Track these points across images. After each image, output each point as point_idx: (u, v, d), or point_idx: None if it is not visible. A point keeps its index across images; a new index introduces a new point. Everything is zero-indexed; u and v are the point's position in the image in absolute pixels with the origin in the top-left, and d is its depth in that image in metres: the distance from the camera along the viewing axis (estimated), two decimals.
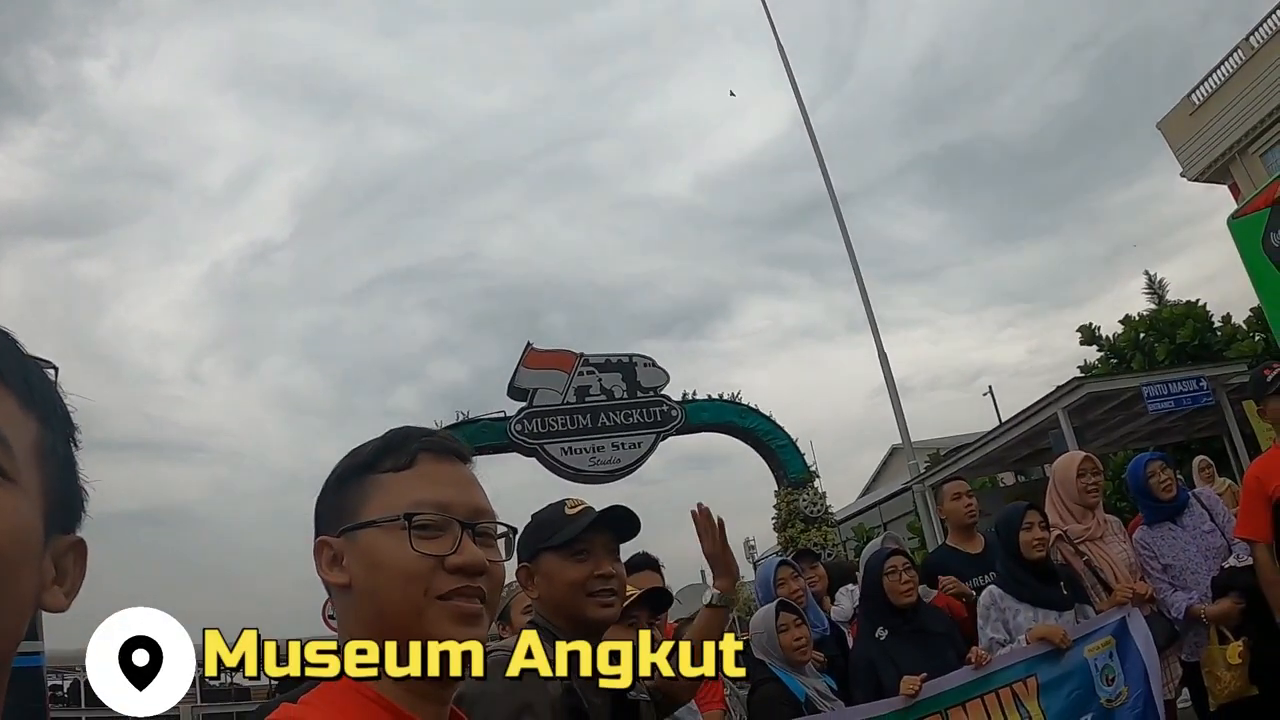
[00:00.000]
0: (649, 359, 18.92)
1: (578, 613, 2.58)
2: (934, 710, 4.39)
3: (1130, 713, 4.73)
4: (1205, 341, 21.45)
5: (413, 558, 1.42)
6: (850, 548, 28.30)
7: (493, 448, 17.43)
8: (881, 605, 4.85)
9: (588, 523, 2.60)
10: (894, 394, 20.81)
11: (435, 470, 1.53)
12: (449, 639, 1.42)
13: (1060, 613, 4.90)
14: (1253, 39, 36.66)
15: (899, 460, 35.06)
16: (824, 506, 18.97)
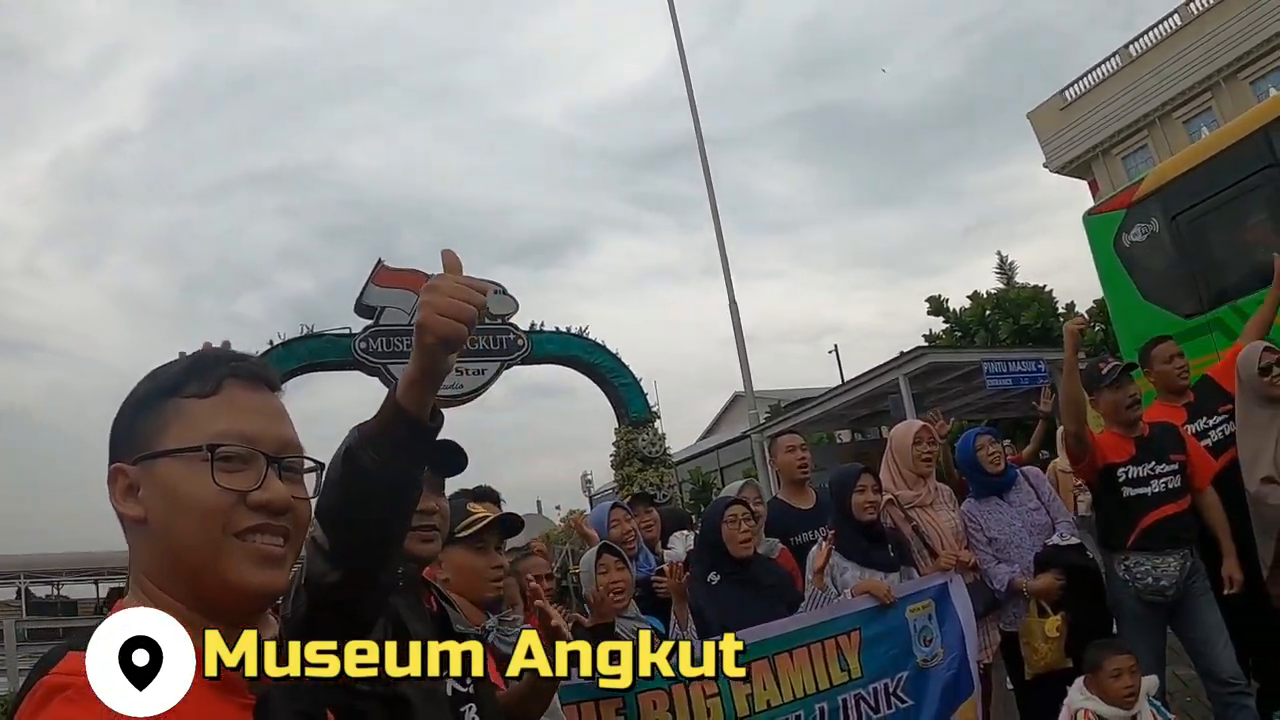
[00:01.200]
0: (500, 286, 18.61)
1: None
2: (761, 656, 4.45)
3: (944, 674, 4.92)
4: (1048, 326, 22.06)
5: (213, 492, 1.34)
6: (686, 490, 28.67)
7: (336, 364, 17.29)
8: (717, 551, 4.89)
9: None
10: (740, 342, 20.97)
11: (242, 398, 1.45)
12: (247, 581, 1.36)
13: (886, 573, 5.04)
14: (1132, 47, 38.18)
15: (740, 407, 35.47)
16: (663, 447, 19.19)
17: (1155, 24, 37.78)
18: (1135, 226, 10.45)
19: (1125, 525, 5.10)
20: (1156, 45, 37.55)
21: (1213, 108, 35.96)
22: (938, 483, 5.76)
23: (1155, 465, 5.12)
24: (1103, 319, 20.75)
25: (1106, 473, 5.19)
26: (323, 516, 1.69)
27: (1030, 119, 42.34)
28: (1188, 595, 5.01)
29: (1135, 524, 5.06)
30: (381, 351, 17.32)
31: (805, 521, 5.83)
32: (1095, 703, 4.36)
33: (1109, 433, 5.32)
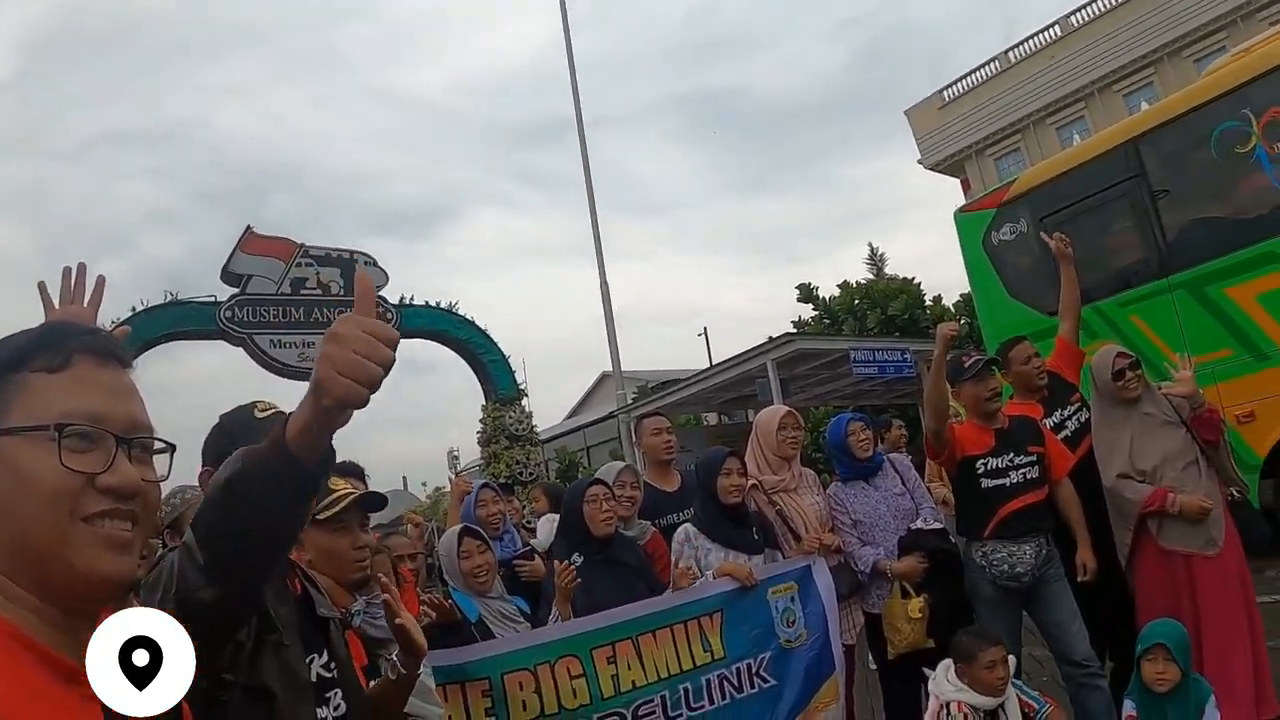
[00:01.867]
0: (370, 257, 18.41)
1: None
2: (625, 636, 4.47)
3: (807, 654, 4.98)
4: (914, 317, 22.47)
5: (60, 473, 1.28)
6: (552, 469, 28.61)
7: (200, 333, 16.74)
8: (580, 532, 4.90)
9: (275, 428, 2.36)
10: (610, 322, 21.11)
11: (93, 375, 1.38)
12: (95, 568, 1.30)
13: (750, 556, 5.08)
14: (1012, 53, 39.26)
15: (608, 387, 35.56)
16: (529, 425, 19.06)
17: (1035, 33, 39.08)
18: (1005, 226, 10.81)
19: (983, 515, 5.24)
20: (1035, 53, 38.76)
21: (1086, 117, 37.20)
22: (802, 467, 5.81)
23: (1014, 457, 5.27)
24: (968, 313, 21.29)
25: (965, 465, 5.33)
26: (200, 531, 1.66)
27: (908, 115, 43.18)
28: (1042, 581, 5.18)
29: (993, 514, 5.21)
30: (247, 321, 16.83)
31: (670, 504, 5.86)
32: (968, 694, 4.48)
33: (969, 424, 5.47)
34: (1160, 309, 9.58)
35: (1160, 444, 5.34)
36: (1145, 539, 5.34)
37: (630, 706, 4.36)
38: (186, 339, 16.83)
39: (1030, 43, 39.09)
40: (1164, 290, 9.57)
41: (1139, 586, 5.41)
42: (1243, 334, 9.00)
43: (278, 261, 17.30)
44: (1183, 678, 4.59)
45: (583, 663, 4.32)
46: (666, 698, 4.47)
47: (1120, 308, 9.88)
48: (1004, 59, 39.84)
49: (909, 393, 17.45)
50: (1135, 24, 35.44)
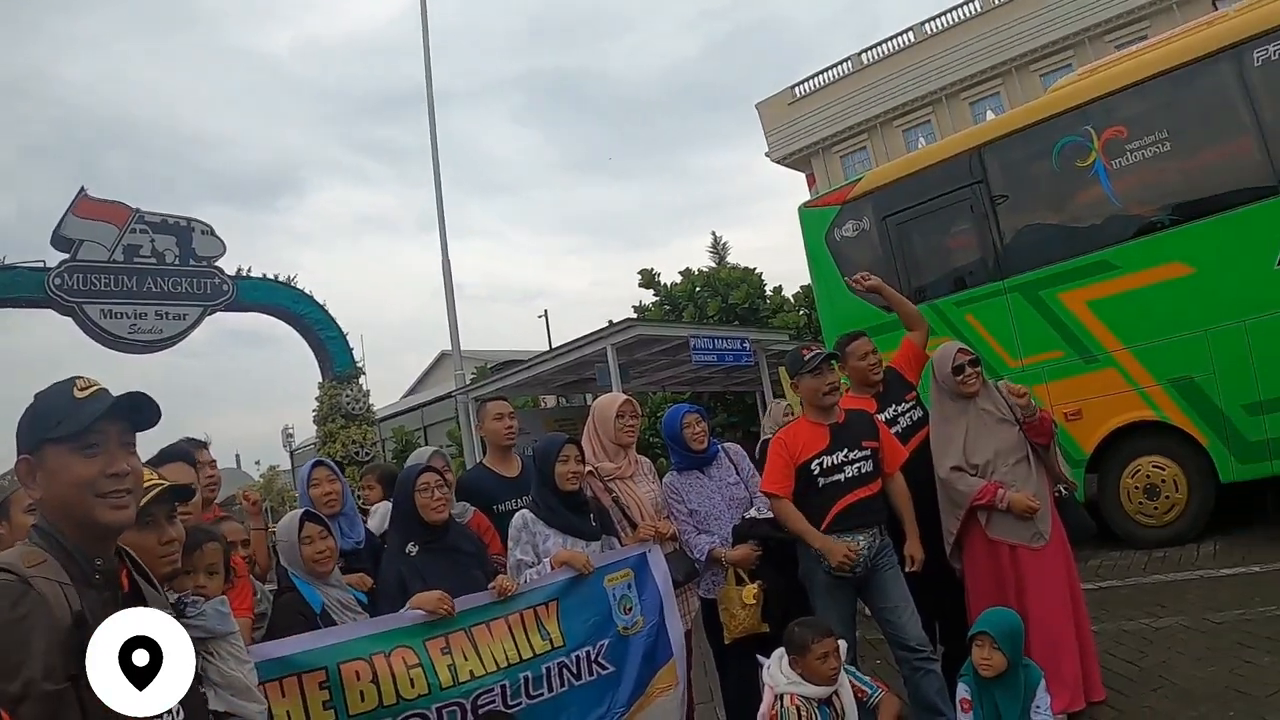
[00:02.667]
0: (208, 226, 17.85)
1: (87, 516, 2.21)
2: (458, 628, 4.43)
3: (644, 640, 5.03)
4: (755, 306, 22.73)
5: None
6: (389, 448, 28.27)
7: (28, 300, 16.02)
8: (413, 521, 4.83)
9: (100, 410, 2.24)
10: (450, 299, 21.04)
11: None
12: None
13: (588, 542, 5.09)
14: (864, 56, 40.18)
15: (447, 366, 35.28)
16: (366, 404, 18.92)
17: (890, 37, 40.05)
18: (848, 222, 10.99)
19: (819, 509, 5.28)
20: (888, 57, 39.79)
21: (933, 121, 38.29)
22: (638, 455, 5.83)
23: (849, 452, 5.34)
24: (808, 304, 21.65)
25: (803, 468, 5.34)
26: None
27: (758, 109, 43.74)
28: (875, 570, 5.27)
29: (829, 509, 5.26)
30: (77, 289, 16.19)
31: (510, 489, 5.86)
32: (801, 685, 4.55)
33: (803, 421, 5.52)
34: (995, 310, 9.94)
35: (993, 440, 5.52)
36: (974, 529, 5.53)
37: (470, 697, 4.32)
38: (13, 306, 16.16)
39: (884, 46, 40.12)
40: (1000, 292, 9.92)
41: (968, 574, 5.60)
42: (1073, 337, 9.46)
43: (111, 226, 16.69)
44: (1012, 664, 4.77)
45: (417, 653, 4.27)
46: (506, 687, 4.45)
47: (956, 307, 10.19)
48: (857, 60, 40.75)
49: (746, 381, 17.66)
50: (987, 36, 36.69)
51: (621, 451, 5.66)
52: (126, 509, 2.27)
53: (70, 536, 2.20)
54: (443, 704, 4.25)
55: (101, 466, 2.21)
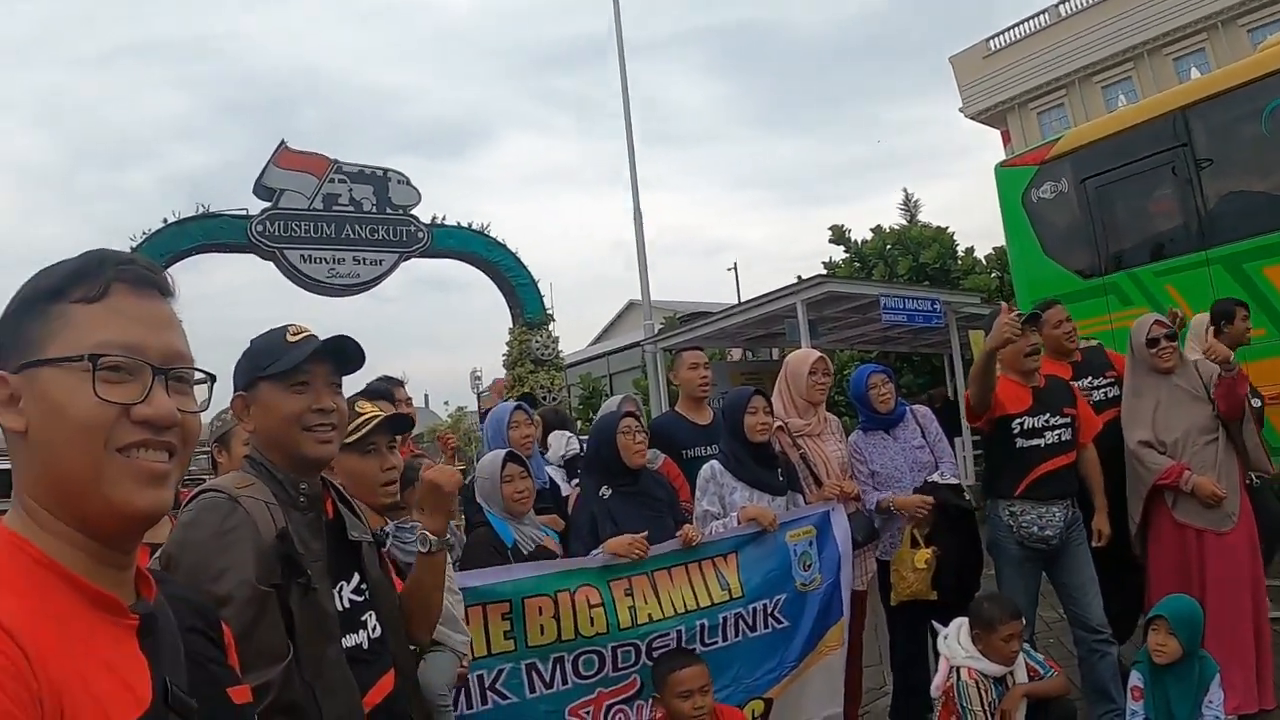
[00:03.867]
0: (404, 176, 18.37)
1: (294, 448, 2.38)
2: (641, 571, 4.55)
3: (820, 598, 5.04)
4: (946, 267, 22.30)
5: (94, 404, 1.27)
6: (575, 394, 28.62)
7: (231, 246, 16.79)
8: (610, 464, 4.90)
9: (309, 351, 2.39)
10: (641, 251, 21.01)
11: (129, 305, 1.36)
12: (129, 502, 1.30)
13: (774, 497, 5.13)
14: (1063, 7, 38.53)
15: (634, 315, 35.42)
16: (555, 350, 19.16)
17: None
18: (1045, 184, 10.71)
19: (1015, 474, 5.28)
20: (1087, 8, 38.05)
21: (1133, 78, 36.66)
22: (827, 413, 5.84)
23: (1050, 417, 5.31)
24: (1000, 266, 21.19)
25: (1002, 423, 5.34)
26: None
27: (952, 62, 42.61)
28: (1066, 544, 5.25)
29: (1026, 474, 5.25)
30: (278, 235, 16.87)
31: (700, 436, 5.91)
32: (981, 661, 4.58)
33: (1006, 380, 5.44)
34: (1196, 282, 9.35)
35: (1185, 417, 5.39)
36: (1160, 510, 5.42)
37: (645, 639, 4.44)
38: (217, 251, 16.92)
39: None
40: (1201, 264, 9.37)
41: (1151, 556, 5.48)
42: (1278, 315, 8.80)
43: (311, 176, 17.32)
44: (1187, 654, 4.64)
45: (601, 593, 4.41)
46: (682, 632, 4.54)
47: (1156, 277, 9.74)
48: (1054, 11, 39.12)
49: (935, 342, 17.43)
50: None
51: (811, 408, 5.68)
52: (330, 443, 2.43)
53: (278, 465, 2.38)
54: (619, 644, 4.39)
55: (309, 402, 2.37)
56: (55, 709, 1.09)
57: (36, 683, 1.07)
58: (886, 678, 6.00)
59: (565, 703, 4.30)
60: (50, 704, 1.08)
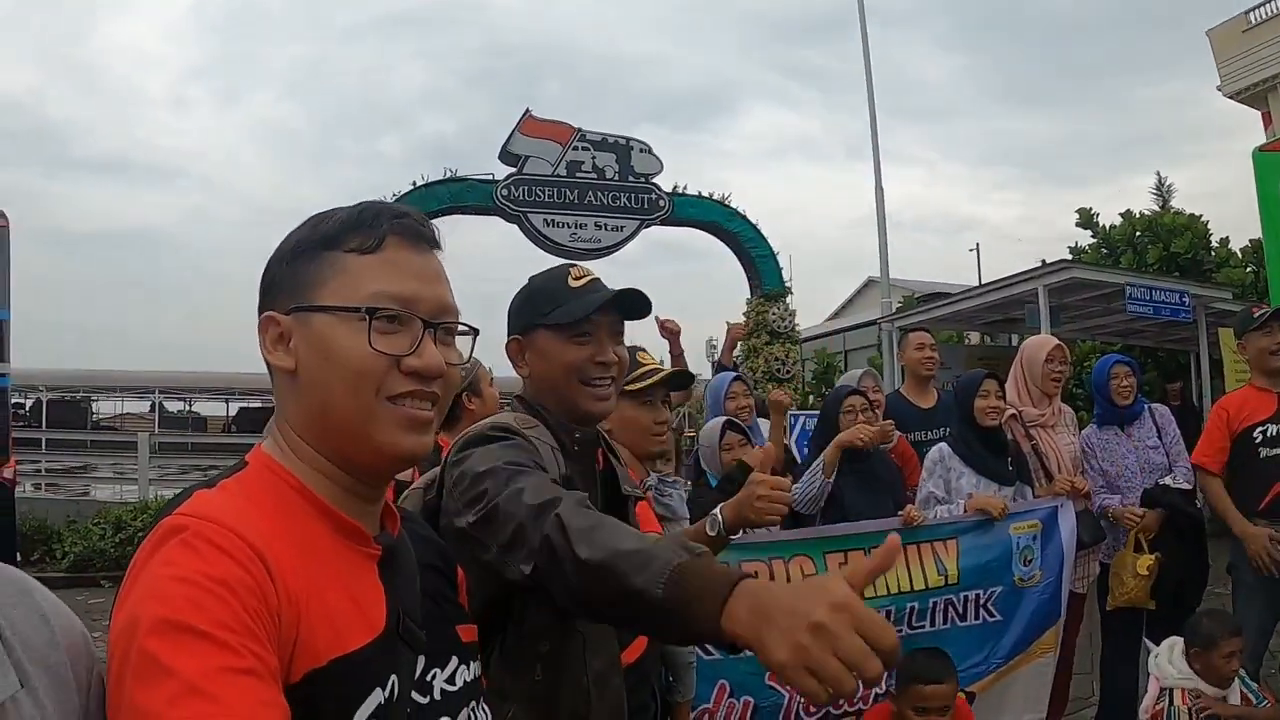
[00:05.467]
0: (646, 145, 18.53)
1: (570, 400, 2.33)
2: (858, 547, 4.56)
3: (1038, 596, 4.98)
4: (1198, 258, 21.34)
5: (368, 355, 1.34)
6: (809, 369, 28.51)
7: (477, 209, 17.33)
8: None
9: (596, 304, 2.29)
10: (882, 228, 20.74)
11: (404, 258, 1.42)
12: (395, 444, 1.37)
13: (1001, 486, 5.07)
14: None
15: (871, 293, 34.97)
16: (792, 323, 19.09)
17: None
18: None
19: (1258, 489, 5.00)
20: None
21: None
22: (1062, 404, 5.69)
23: None
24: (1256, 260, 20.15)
25: (1243, 435, 5.08)
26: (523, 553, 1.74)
27: (1209, 36, 40.46)
28: None
29: (1269, 487, 4.96)
30: (522, 200, 17.29)
31: (923, 420, 5.97)
32: (1195, 682, 4.35)
33: (1250, 388, 5.24)
34: None
35: None
36: None
37: None
38: (463, 213, 17.42)
39: None
40: None
41: None
42: None
43: (555, 144, 17.67)
44: None
45: (815, 563, 4.47)
46: (891, 612, 4.56)
47: None
48: None
49: (1181, 339, 16.72)
50: None
51: (1046, 399, 5.55)
52: (607, 399, 2.36)
53: (553, 412, 2.33)
54: None
55: (590, 354, 2.30)
56: (292, 622, 1.18)
57: (277, 598, 1.16)
58: (1095, 688, 5.84)
59: None
60: (288, 617, 1.18)
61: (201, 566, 1.12)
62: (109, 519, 12.39)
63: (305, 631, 1.20)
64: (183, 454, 26.95)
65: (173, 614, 1.07)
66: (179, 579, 1.10)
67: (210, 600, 1.09)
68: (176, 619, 1.06)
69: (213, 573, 1.12)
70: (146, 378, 42.75)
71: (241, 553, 1.16)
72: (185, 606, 1.07)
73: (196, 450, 28.44)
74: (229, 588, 1.12)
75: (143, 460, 15.73)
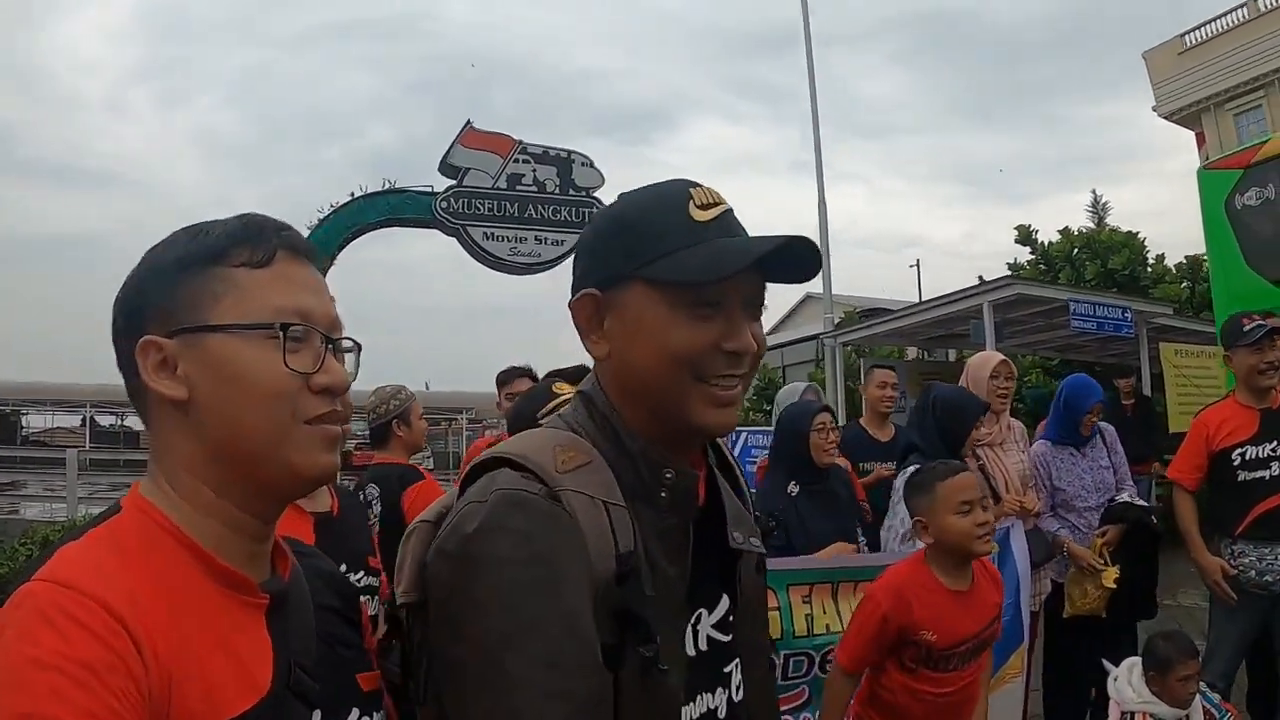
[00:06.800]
0: (587, 158, 18.47)
1: (675, 405, 1.44)
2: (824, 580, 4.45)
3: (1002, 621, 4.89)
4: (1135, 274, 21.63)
5: (283, 375, 1.22)
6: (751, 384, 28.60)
7: (415, 221, 17.23)
8: (797, 460, 4.84)
9: (744, 260, 1.39)
10: (825, 243, 20.36)
11: (294, 272, 1.30)
12: (314, 464, 1.26)
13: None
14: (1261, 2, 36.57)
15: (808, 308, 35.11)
16: None
17: None
18: (1251, 189, 10.13)
19: (1236, 510, 4.95)
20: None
21: None
22: (1011, 419, 5.63)
23: (1277, 446, 4.92)
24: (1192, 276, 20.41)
25: (1220, 457, 5.01)
26: None
27: (1145, 58, 41.21)
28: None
29: (1248, 510, 4.90)
30: (461, 212, 17.20)
31: (877, 452, 6.16)
32: (1156, 705, 4.28)
33: (1231, 403, 5.14)
34: None
35: None
36: None
37: (820, 651, 4.32)
38: (402, 225, 17.35)
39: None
40: None
41: None
42: None
43: (495, 156, 17.56)
44: None
45: (778, 597, 4.30)
46: None
47: None
48: (1253, 6, 37.33)
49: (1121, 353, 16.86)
50: None
51: (994, 416, 5.43)
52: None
53: (637, 429, 1.47)
54: (792, 652, 4.29)
55: (717, 335, 1.41)
56: (163, 695, 1.06)
57: (145, 671, 1.04)
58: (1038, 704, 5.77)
59: None
60: (159, 690, 1.05)
61: (62, 648, 1.00)
62: (36, 538, 12.05)
63: (179, 703, 1.08)
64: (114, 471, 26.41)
65: (35, 708, 0.96)
66: (40, 665, 0.99)
67: (73, 689, 0.98)
68: (39, 713, 0.96)
69: (74, 655, 1.00)
70: (78, 391, 42.14)
71: (104, 627, 1.04)
72: (47, 698, 0.97)
73: (128, 466, 27.79)
74: (93, 671, 1.00)
75: (71, 477, 15.46)
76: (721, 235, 1.44)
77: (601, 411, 1.50)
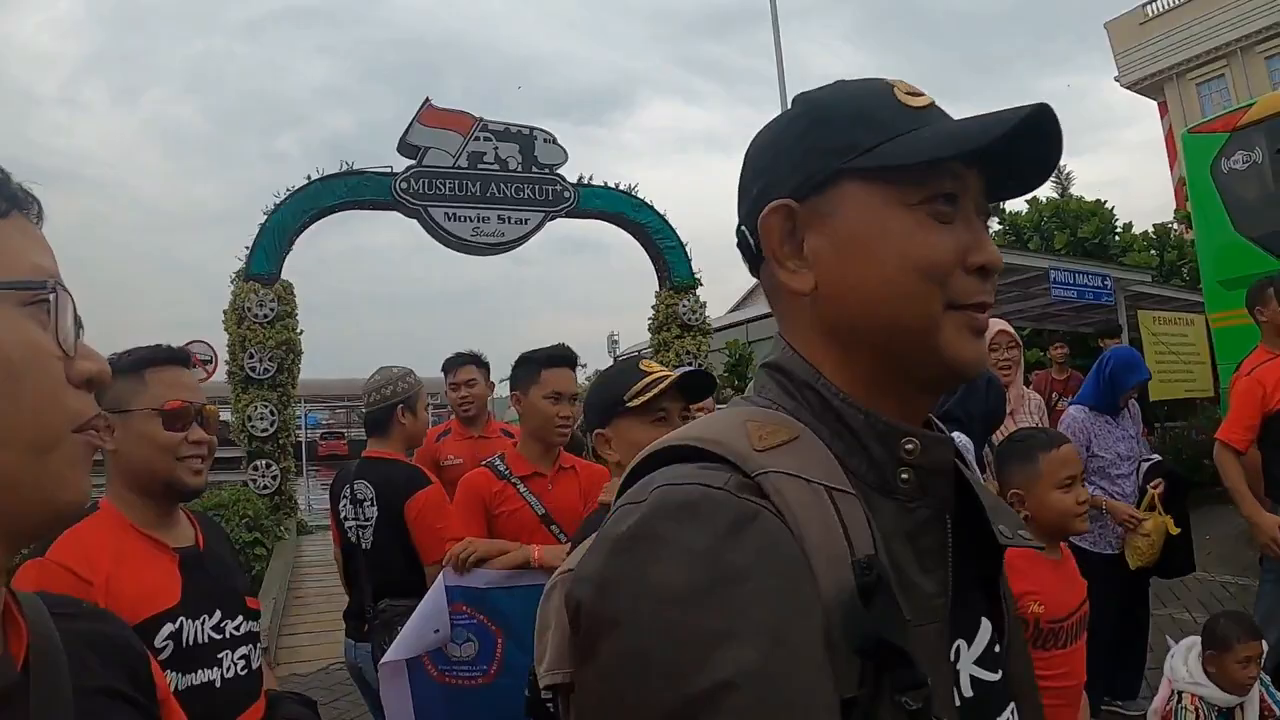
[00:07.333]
0: (550, 134, 18.12)
1: (923, 337, 0.91)
2: None
3: None
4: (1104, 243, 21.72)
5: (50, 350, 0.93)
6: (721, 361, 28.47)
7: (374, 203, 16.81)
8: None
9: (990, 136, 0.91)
10: None
11: (28, 226, 0.97)
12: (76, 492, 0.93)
13: None
14: None
15: None
16: (703, 315, 18.97)
17: None
18: (1237, 152, 10.11)
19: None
20: None
21: None
22: (1027, 390, 5.38)
23: None
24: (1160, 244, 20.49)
25: (1274, 417, 4.78)
26: None
27: (1107, 29, 41.35)
28: None
29: None
30: (422, 193, 16.81)
31: None
32: (1207, 688, 4.01)
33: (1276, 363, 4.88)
34: None
35: None
36: None
37: None
38: (361, 209, 16.99)
39: None
40: None
41: None
42: None
43: (455, 135, 17.21)
44: None
45: None
46: None
47: None
48: None
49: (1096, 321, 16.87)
50: None
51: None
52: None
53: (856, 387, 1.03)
54: None
55: (964, 243, 1.01)
56: None
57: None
58: None
59: None
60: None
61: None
62: None
63: None
64: None
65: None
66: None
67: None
68: None
69: None
70: None
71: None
72: None
73: None
74: None
75: None
76: (939, 123, 1.04)
77: (802, 379, 1.04)
